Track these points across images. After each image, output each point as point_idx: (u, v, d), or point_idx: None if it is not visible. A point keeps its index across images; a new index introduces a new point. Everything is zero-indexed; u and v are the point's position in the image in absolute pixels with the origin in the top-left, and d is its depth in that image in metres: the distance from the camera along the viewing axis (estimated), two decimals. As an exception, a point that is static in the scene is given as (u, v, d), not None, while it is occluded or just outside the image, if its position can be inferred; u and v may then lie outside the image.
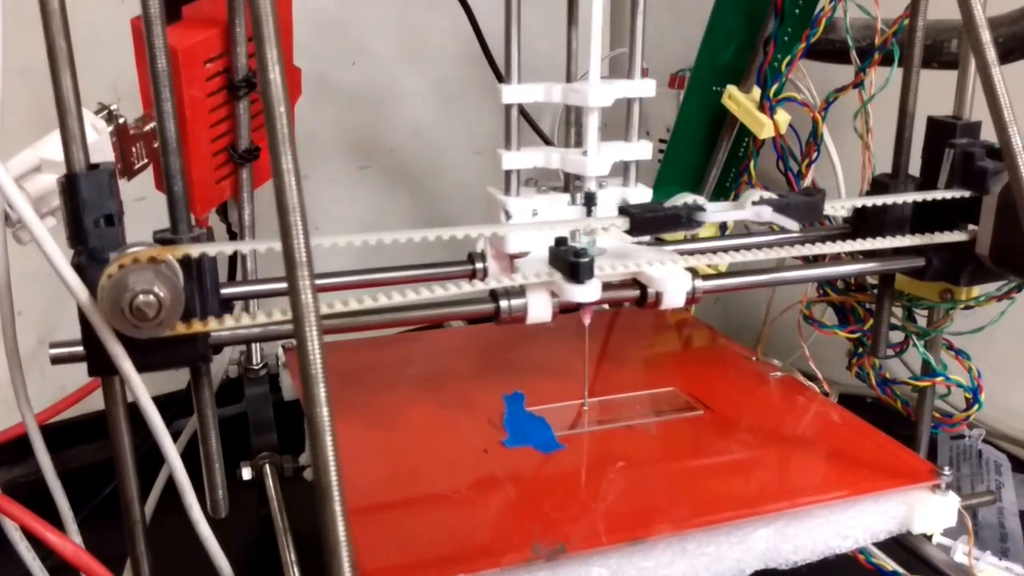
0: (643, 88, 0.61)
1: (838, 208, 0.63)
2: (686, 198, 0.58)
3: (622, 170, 0.64)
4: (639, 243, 0.61)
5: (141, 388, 0.47)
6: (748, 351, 0.80)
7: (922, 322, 0.69)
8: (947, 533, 0.71)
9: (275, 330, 0.51)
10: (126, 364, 0.46)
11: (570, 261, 0.53)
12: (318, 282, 0.55)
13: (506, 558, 0.51)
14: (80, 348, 0.48)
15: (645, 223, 0.57)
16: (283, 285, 0.57)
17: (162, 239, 0.50)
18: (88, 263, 0.46)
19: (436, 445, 0.64)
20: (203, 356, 0.51)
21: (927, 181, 0.64)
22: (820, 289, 0.74)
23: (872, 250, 0.62)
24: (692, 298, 0.58)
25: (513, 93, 0.61)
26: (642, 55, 0.61)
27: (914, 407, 0.72)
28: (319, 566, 0.44)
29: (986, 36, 0.52)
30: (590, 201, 0.61)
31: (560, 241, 0.56)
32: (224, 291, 0.53)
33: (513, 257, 0.60)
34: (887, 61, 0.69)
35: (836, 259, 0.66)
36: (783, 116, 0.76)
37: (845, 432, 0.67)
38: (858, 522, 0.60)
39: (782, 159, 0.77)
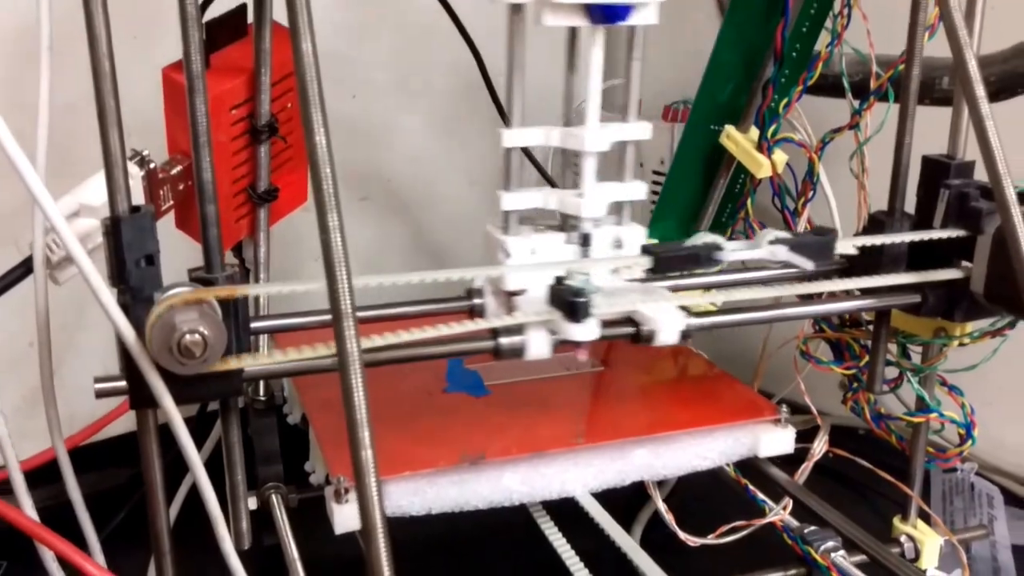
0: (638, 131, 0.63)
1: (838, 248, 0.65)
2: (705, 237, 0.61)
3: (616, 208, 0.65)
4: (632, 280, 0.63)
5: (180, 424, 0.49)
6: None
7: (916, 359, 0.71)
8: (942, 566, 0.74)
9: (307, 364, 0.52)
10: (167, 400, 0.48)
11: (568, 300, 0.54)
12: (309, 320, 0.59)
13: (440, 463, 0.66)
14: (123, 383, 0.50)
15: (668, 261, 0.60)
16: (302, 320, 0.59)
17: (198, 278, 0.52)
18: (131, 301, 0.48)
19: (391, 392, 0.76)
20: (236, 390, 0.53)
21: (923, 219, 0.66)
22: (816, 325, 0.76)
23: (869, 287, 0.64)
24: (686, 335, 0.60)
25: (513, 137, 0.62)
26: (638, 98, 0.63)
27: (908, 442, 0.73)
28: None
29: (980, 91, 0.55)
30: (585, 241, 0.63)
31: (559, 280, 0.57)
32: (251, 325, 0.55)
33: (511, 294, 0.61)
34: (882, 99, 0.72)
35: (833, 295, 0.67)
36: (780, 156, 0.77)
37: (712, 381, 0.83)
38: (714, 447, 0.73)
39: (779, 197, 0.79)
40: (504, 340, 0.57)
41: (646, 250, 0.60)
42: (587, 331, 0.55)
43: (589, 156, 0.61)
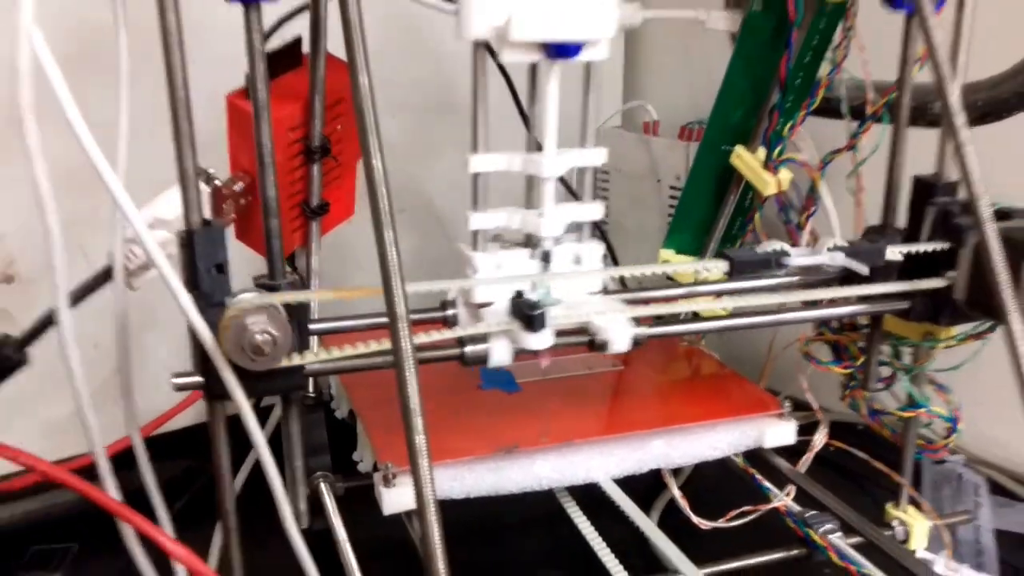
0: (594, 157, 0.67)
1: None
2: (775, 245, 0.68)
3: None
4: (592, 294, 0.67)
5: (250, 414, 0.54)
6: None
7: (907, 359, 0.76)
8: (930, 548, 0.78)
9: (362, 363, 0.57)
10: (239, 393, 0.53)
11: (525, 313, 0.59)
12: (357, 323, 0.64)
13: (478, 452, 0.73)
14: (198, 378, 0.55)
15: (743, 265, 0.67)
16: (350, 323, 0.64)
17: (263, 284, 0.58)
18: (204, 305, 0.53)
19: (431, 389, 0.77)
20: (299, 385, 0.59)
21: (912, 233, 0.70)
22: (817, 329, 0.80)
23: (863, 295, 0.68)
24: (638, 342, 0.63)
25: (479, 162, 0.66)
26: (593, 126, 0.67)
27: (900, 434, 0.78)
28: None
29: (961, 120, 0.58)
30: (546, 258, 0.67)
31: (519, 293, 0.62)
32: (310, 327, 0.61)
33: (479, 306, 0.65)
34: (878, 122, 0.77)
35: (832, 302, 0.70)
36: (785, 175, 0.82)
37: (722, 380, 0.91)
38: (723, 438, 0.80)
39: (784, 212, 0.84)
40: (469, 348, 0.62)
41: (724, 255, 0.67)
42: (542, 340, 0.60)
43: (547, 181, 0.65)
